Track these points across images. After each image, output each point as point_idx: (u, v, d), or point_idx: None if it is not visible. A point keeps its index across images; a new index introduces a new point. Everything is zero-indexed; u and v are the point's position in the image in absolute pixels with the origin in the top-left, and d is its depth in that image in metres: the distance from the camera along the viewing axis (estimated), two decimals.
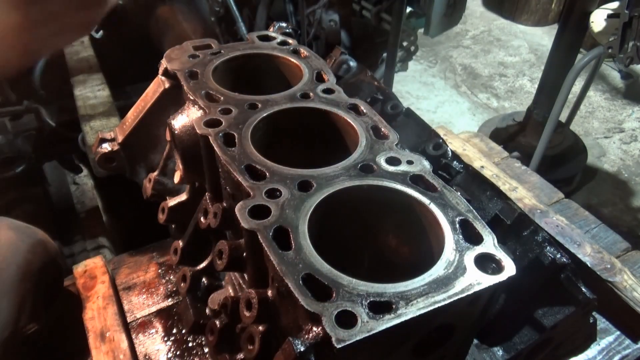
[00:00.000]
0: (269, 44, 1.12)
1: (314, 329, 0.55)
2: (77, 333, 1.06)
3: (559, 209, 1.15)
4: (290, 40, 1.14)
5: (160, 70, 1.08)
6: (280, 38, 1.14)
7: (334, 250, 0.67)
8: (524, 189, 1.15)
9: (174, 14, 2.05)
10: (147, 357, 1.06)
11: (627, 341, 0.93)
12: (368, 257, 0.82)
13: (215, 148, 0.80)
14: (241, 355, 0.79)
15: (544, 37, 4.31)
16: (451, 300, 0.57)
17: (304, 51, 1.10)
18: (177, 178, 1.06)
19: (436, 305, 0.56)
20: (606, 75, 3.81)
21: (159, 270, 1.25)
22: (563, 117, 2.56)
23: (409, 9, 2.34)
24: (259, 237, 0.64)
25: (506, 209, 0.79)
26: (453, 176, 0.86)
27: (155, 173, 1.18)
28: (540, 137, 2.29)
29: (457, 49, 4.16)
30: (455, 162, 0.86)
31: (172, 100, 1.07)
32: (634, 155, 3.15)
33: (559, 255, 0.74)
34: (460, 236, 0.66)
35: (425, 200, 0.71)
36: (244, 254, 0.74)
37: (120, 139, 1.29)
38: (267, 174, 0.75)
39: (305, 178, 0.74)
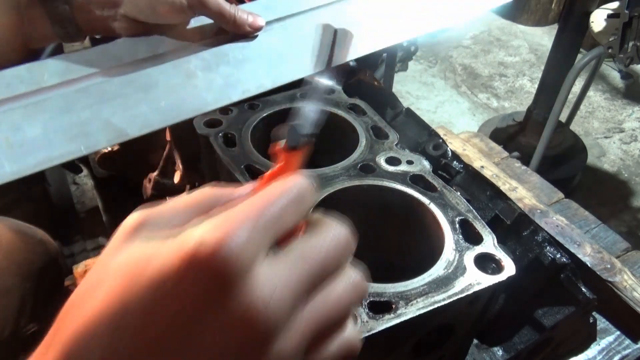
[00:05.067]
0: None
1: None
2: None
3: (559, 209, 1.14)
4: None
5: None
6: None
7: None
8: (524, 189, 1.14)
9: None
10: None
11: (627, 341, 0.93)
12: (367, 256, 0.81)
13: (215, 148, 0.80)
14: None
15: (544, 37, 4.30)
16: (451, 300, 0.57)
17: None
18: (177, 178, 1.06)
19: (436, 305, 0.56)
20: (606, 75, 3.81)
21: None
22: (563, 117, 2.56)
23: None
24: None
25: (506, 209, 0.79)
26: (453, 176, 0.86)
27: (155, 173, 1.19)
28: (540, 137, 2.29)
29: (457, 49, 4.16)
30: (455, 162, 0.86)
31: None
32: (634, 155, 3.15)
33: (559, 255, 0.74)
34: (460, 236, 0.66)
35: (425, 200, 0.71)
36: None
37: None
38: None
39: None
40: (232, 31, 0.76)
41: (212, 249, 0.27)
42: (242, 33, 0.76)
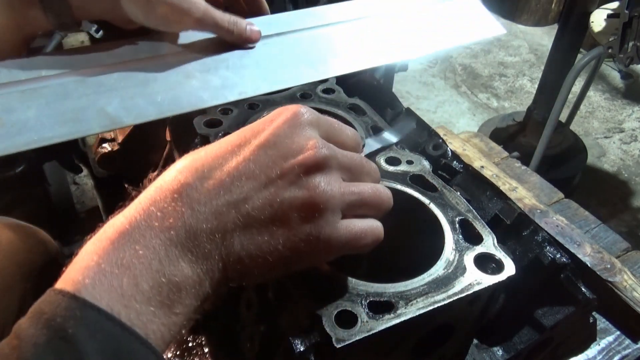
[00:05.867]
0: None
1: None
2: None
3: (559, 209, 1.14)
4: None
5: None
6: None
7: None
8: (524, 189, 1.14)
9: None
10: None
11: (627, 341, 0.92)
12: (367, 256, 0.81)
13: None
14: (241, 355, 0.79)
15: (544, 37, 4.30)
16: (451, 300, 0.57)
17: None
18: None
19: (436, 305, 0.56)
20: (606, 75, 3.81)
21: None
22: (563, 117, 2.56)
23: None
24: None
25: (506, 209, 0.79)
26: (453, 176, 0.86)
27: (155, 173, 1.19)
28: (540, 137, 2.29)
29: (457, 49, 4.16)
30: (455, 162, 0.86)
31: None
32: (634, 155, 3.15)
33: (559, 255, 0.73)
34: (460, 236, 0.66)
35: (425, 200, 0.71)
36: None
37: (120, 139, 1.29)
38: None
39: None
40: (230, 41, 0.78)
41: (292, 107, 0.51)
42: (240, 43, 0.79)
